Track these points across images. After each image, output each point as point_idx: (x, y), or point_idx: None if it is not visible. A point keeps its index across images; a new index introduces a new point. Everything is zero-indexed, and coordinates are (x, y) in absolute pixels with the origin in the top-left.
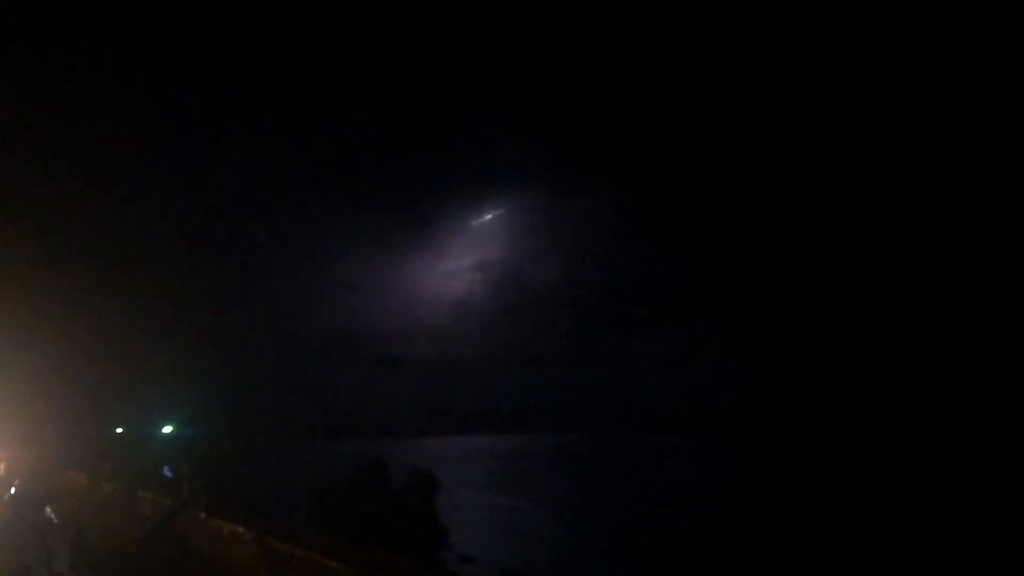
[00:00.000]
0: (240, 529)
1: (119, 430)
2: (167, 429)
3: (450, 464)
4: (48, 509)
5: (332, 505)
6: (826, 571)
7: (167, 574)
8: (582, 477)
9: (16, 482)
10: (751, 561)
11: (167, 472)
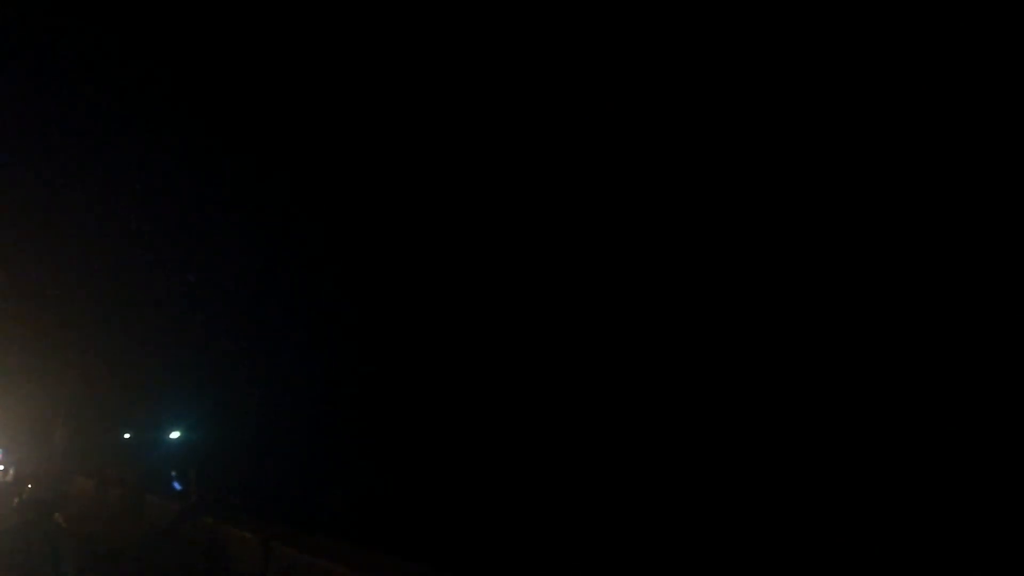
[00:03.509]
0: (247, 534)
1: (127, 435)
2: (175, 434)
3: None
4: (56, 514)
5: None
6: None
7: None
8: None
9: (24, 487)
10: None
11: (174, 476)
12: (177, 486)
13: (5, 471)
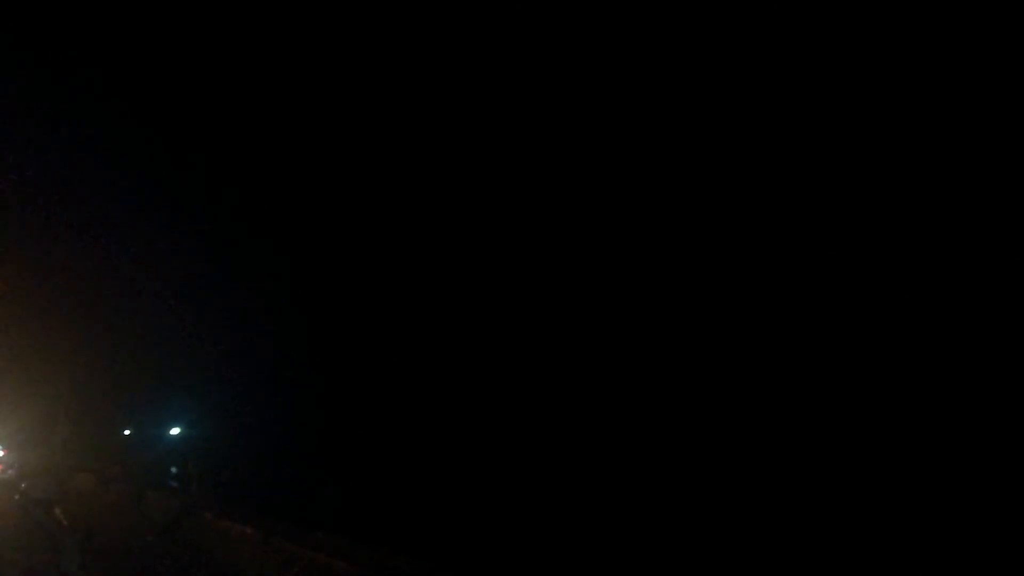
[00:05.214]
0: (248, 530)
1: (127, 431)
2: (175, 430)
3: None
4: (57, 510)
5: None
6: None
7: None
8: None
9: (25, 483)
10: None
11: (173, 472)
12: (174, 474)
13: (6, 468)
